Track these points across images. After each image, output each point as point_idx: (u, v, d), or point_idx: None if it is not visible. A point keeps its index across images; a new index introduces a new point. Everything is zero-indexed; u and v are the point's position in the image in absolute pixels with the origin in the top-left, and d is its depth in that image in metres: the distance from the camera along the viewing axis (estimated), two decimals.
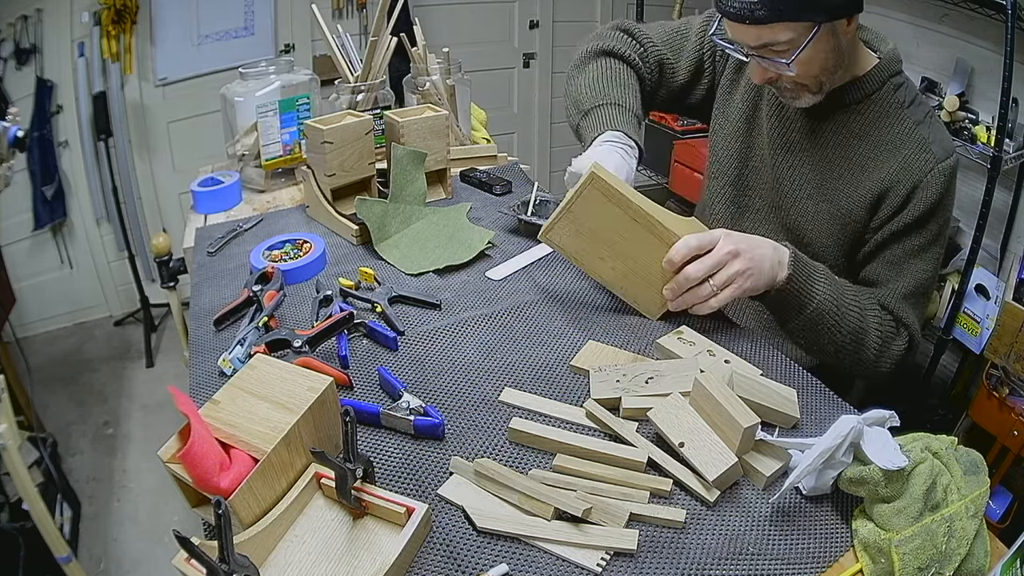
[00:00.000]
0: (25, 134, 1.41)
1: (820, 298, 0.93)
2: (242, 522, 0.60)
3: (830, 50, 0.91)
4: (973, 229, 1.77)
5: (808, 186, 1.05)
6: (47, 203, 2.56)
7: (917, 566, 0.59)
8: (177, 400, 0.63)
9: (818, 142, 1.03)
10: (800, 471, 0.64)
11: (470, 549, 0.63)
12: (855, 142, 1.00)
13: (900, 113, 0.98)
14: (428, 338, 0.93)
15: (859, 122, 1.00)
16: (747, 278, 0.88)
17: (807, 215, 1.06)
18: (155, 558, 1.84)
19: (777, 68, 0.92)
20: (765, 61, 0.92)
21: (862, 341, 0.97)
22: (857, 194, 1.00)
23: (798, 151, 1.05)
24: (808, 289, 0.93)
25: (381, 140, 1.32)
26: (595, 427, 0.76)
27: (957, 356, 1.99)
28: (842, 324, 0.95)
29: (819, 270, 0.95)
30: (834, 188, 1.02)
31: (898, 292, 1.00)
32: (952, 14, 1.95)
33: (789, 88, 0.97)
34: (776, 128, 1.07)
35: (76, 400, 2.46)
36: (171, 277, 1.36)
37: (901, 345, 1.01)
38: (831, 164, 1.02)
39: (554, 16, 3.36)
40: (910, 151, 0.96)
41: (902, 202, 0.97)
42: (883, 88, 0.99)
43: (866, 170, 0.99)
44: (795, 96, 0.98)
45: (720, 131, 1.16)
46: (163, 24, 2.56)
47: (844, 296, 0.96)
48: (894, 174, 0.97)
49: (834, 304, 0.94)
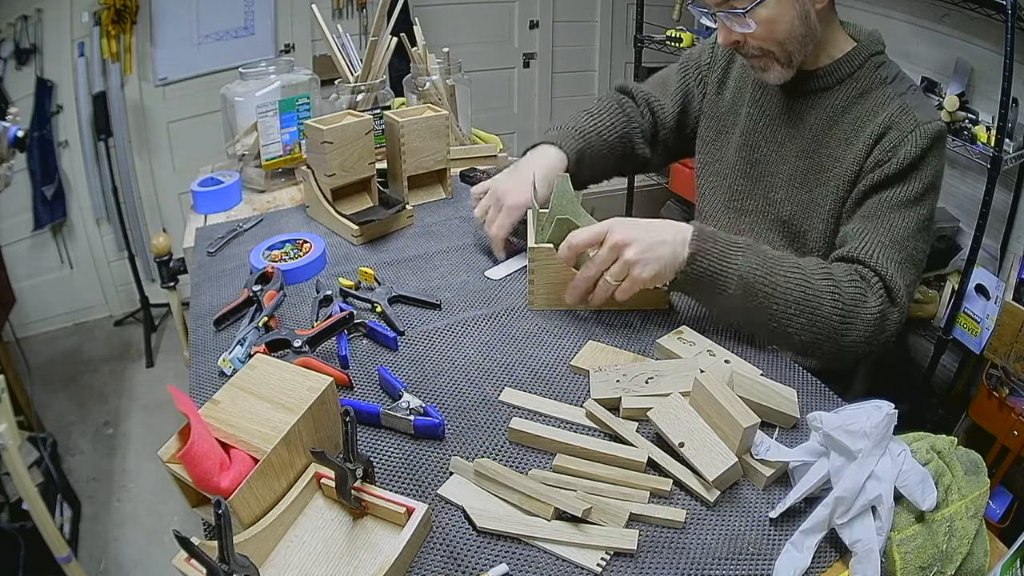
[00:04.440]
0: (25, 134, 1.41)
1: (740, 271, 0.85)
2: (242, 522, 0.60)
3: (797, 16, 0.92)
4: (973, 229, 1.77)
5: (797, 174, 1.04)
6: (47, 203, 2.56)
7: (918, 565, 0.60)
8: (177, 400, 0.63)
9: (801, 128, 1.03)
10: (801, 492, 0.64)
11: (470, 549, 0.63)
12: (838, 118, 1.00)
13: (883, 88, 0.98)
14: (428, 338, 0.93)
15: (841, 99, 1.00)
16: (643, 266, 0.83)
17: (799, 204, 1.05)
18: (155, 558, 1.84)
19: (740, 24, 0.93)
20: (728, 20, 0.93)
21: (816, 310, 0.85)
22: (843, 170, 0.98)
23: (783, 140, 1.06)
24: (723, 265, 0.85)
25: (381, 140, 1.32)
26: (595, 427, 0.76)
27: (957, 356, 1.99)
28: (777, 295, 0.85)
29: (738, 243, 0.88)
30: (821, 170, 1.01)
31: (873, 241, 0.90)
32: (952, 14, 1.95)
33: (757, 56, 0.98)
34: (759, 122, 1.08)
35: (76, 400, 2.46)
36: (171, 277, 1.36)
37: (874, 305, 0.87)
38: (817, 147, 1.02)
39: (554, 16, 3.36)
40: (891, 113, 0.95)
41: (882, 159, 0.94)
42: (864, 66, 0.99)
43: (849, 145, 0.98)
44: (764, 67, 0.99)
45: (706, 142, 1.19)
46: (163, 24, 2.56)
47: (776, 265, 0.87)
48: (876, 136, 0.95)
49: (761, 275, 0.85)
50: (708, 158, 1.20)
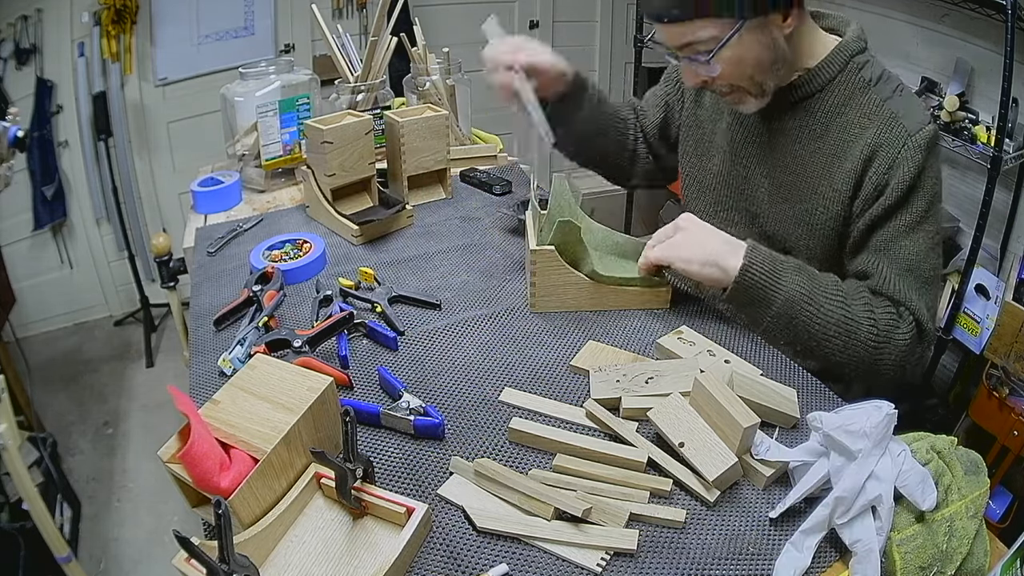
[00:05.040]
0: (25, 134, 1.41)
1: (789, 289, 0.87)
2: (242, 522, 0.60)
3: (764, 48, 0.88)
4: (973, 229, 1.77)
5: (782, 189, 1.01)
6: (47, 203, 2.56)
7: (919, 565, 0.60)
8: (177, 400, 0.63)
9: (783, 142, 0.99)
10: (801, 492, 0.64)
11: (470, 549, 0.63)
12: (821, 132, 0.95)
13: (866, 92, 0.93)
14: (428, 338, 0.93)
15: (823, 110, 0.95)
16: (677, 247, 0.90)
17: (785, 221, 1.01)
18: (155, 558, 1.84)
19: (705, 69, 0.89)
20: (692, 63, 0.90)
21: (853, 334, 0.88)
22: (832, 188, 0.95)
23: (765, 155, 1.02)
24: (773, 280, 0.88)
25: (381, 140, 1.32)
26: (595, 427, 0.76)
27: (957, 356, 1.99)
28: (820, 315, 0.88)
29: (787, 262, 0.90)
30: (807, 186, 0.98)
31: (891, 274, 0.92)
32: (952, 14, 1.95)
33: (727, 92, 0.95)
34: (740, 136, 1.04)
35: (76, 400, 2.46)
36: (171, 277, 1.36)
37: (906, 332, 0.90)
38: (800, 162, 0.98)
39: (554, 16, 3.36)
40: (879, 128, 0.91)
41: (879, 185, 0.91)
42: (845, 69, 0.94)
43: (837, 160, 0.94)
44: (737, 100, 0.96)
45: (688, 153, 1.17)
46: (163, 24, 2.56)
47: (820, 285, 0.89)
48: (865, 157, 0.91)
49: (807, 294, 0.88)
50: (691, 169, 1.17)
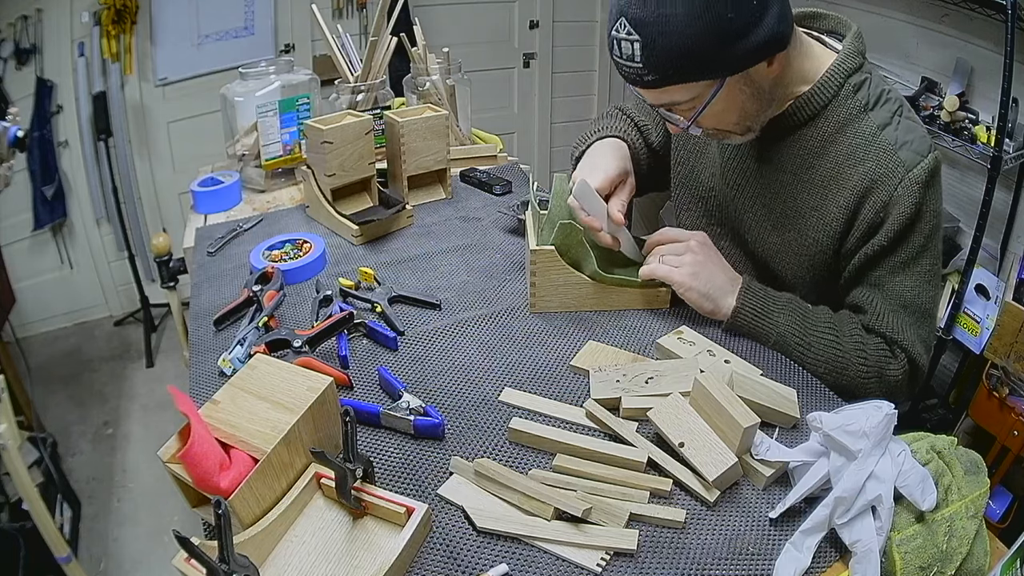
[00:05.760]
0: (25, 134, 1.42)
1: (780, 329, 0.90)
2: (242, 522, 0.60)
3: (747, 98, 0.84)
4: (973, 229, 1.77)
5: (771, 216, 0.98)
6: (47, 203, 2.56)
7: (919, 565, 0.60)
8: (177, 400, 0.63)
9: (775, 170, 0.95)
10: (801, 492, 0.64)
11: (470, 549, 0.63)
12: (815, 162, 0.90)
13: (862, 118, 0.88)
14: (428, 338, 0.93)
15: (816, 138, 0.90)
16: (682, 272, 0.92)
17: (772, 248, 0.99)
18: (155, 558, 1.84)
19: (689, 127, 0.87)
20: (674, 117, 0.87)
21: (843, 370, 0.88)
22: (823, 221, 0.91)
23: (755, 182, 0.98)
24: (764, 321, 0.90)
25: (381, 140, 1.32)
26: (595, 427, 0.76)
27: (957, 356, 1.99)
28: (811, 354, 0.88)
29: (779, 301, 0.92)
30: (798, 216, 0.94)
31: (885, 310, 0.90)
32: (952, 14, 1.95)
33: (713, 134, 0.92)
34: (731, 161, 1.00)
35: (76, 400, 2.46)
36: (171, 277, 1.36)
37: (897, 370, 0.89)
38: (792, 191, 0.94)
39: (554, 16, 3.36)
40: (875, 162, 0.86)
41: (874, 224, 0.87)
42: (840, 92, 0.88)
43: (830, 191, 0.90)
44: (724, 138, 0.93)
45: (680, 162, 1.12)
46: (163, 24, 2.56)
47: (812, 324, 0.90)
48: (860, 193, 0.87)
49: (797, 334, 0.89)
50: (683, 180, 1.13)
